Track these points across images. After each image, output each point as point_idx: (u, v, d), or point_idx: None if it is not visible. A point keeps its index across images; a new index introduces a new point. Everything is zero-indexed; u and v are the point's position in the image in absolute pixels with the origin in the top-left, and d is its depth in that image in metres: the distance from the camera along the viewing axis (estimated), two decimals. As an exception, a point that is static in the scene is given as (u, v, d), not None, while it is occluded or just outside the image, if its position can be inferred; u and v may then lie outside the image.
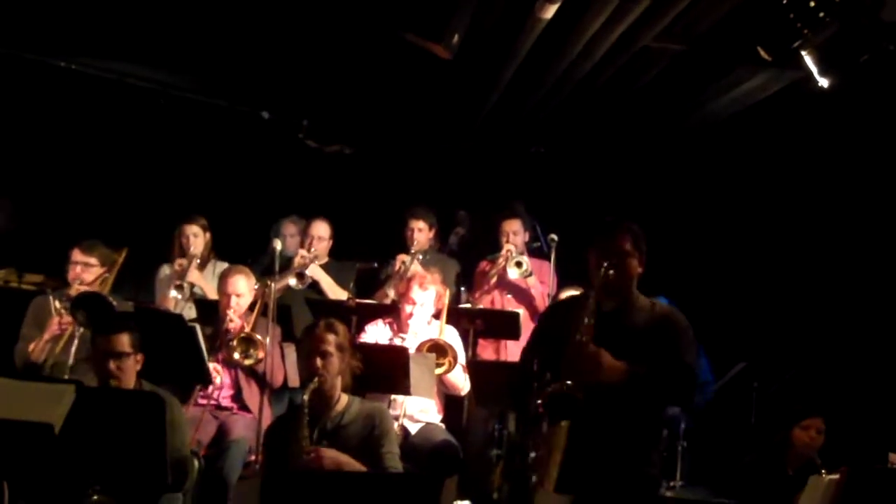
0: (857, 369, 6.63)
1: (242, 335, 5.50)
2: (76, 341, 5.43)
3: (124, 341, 4.38)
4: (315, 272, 6.62)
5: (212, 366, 5.40)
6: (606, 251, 3.92)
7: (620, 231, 3.96)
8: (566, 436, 3.75)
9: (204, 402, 5.42)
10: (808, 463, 4.78)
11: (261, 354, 5.46)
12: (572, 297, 4.50)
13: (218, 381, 5.46)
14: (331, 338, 4.22)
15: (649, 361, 3.78)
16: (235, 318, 5.60)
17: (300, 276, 6.51)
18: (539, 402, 3.71)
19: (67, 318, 5.44)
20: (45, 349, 5.51)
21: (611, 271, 3.87)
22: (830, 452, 4.86)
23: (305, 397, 4.12)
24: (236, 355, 5.47)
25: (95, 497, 3.71)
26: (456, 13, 5.32)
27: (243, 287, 5.67)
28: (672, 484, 6.44)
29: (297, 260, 6.58)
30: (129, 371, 4.40)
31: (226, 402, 5.55)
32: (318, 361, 4.15)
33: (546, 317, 4.41)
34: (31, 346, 5.52)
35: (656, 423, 4.07)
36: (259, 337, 5.49)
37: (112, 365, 4.34)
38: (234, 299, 5.64)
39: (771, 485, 4.91)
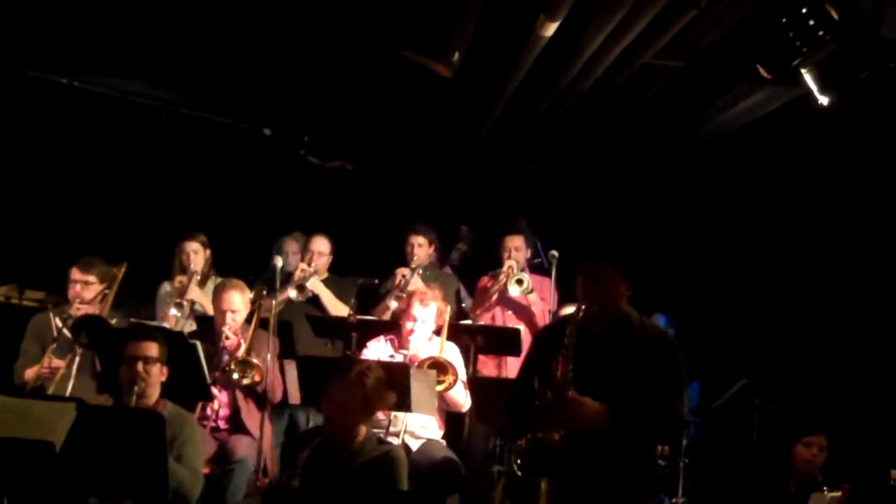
0: (858, 386, 6.61)
1: (239, 359, 5.44)
2: (75, 366, 5.44)
3: (153, 348, 4.52)
4: (316, 287, 6.62)
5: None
6: (590, 278, 3.89)
7: (600, 257, 3.93)
8: (547, 494, 3.60)
9: (204, 423, 5.39)
10: (810, 480, 4.76)
11: (257, 377, 5.40)
12: (562, 321, 4.38)
13: (216, 403, 5.43)
14: None
15: (634, 397, 3.71)
16: (231, 334, 5.57)
17: (300, 288, 6.51)
18: (516, 457, 3.60)
19: (57, 362, 5.45)
20: (40, 379, 5.51)
21: (594, 306, 3.84)
22: (832, 470, 4.84)
23: None
24: (234, 376, 5.44)
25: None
26: (457, 31, 5.34)
27: (238, 303, 5.63)
28: (674, 501, 6.42)
29: (298, 273, 6.58)
30: (154, 378, 4.50)
31: (223, 425, 5.50)
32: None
33: (537, 341, 4.35)
34: (27, 374, 5.53)
35: (646, 463, 3.98)
36: (255, 360, 5.44)
37: (140, 367, 4.44)
38: (228, 315, 5.59)
39: (773, 502, 4.89)
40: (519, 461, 3.58)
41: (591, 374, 3.72)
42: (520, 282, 6.60)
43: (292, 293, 6.47)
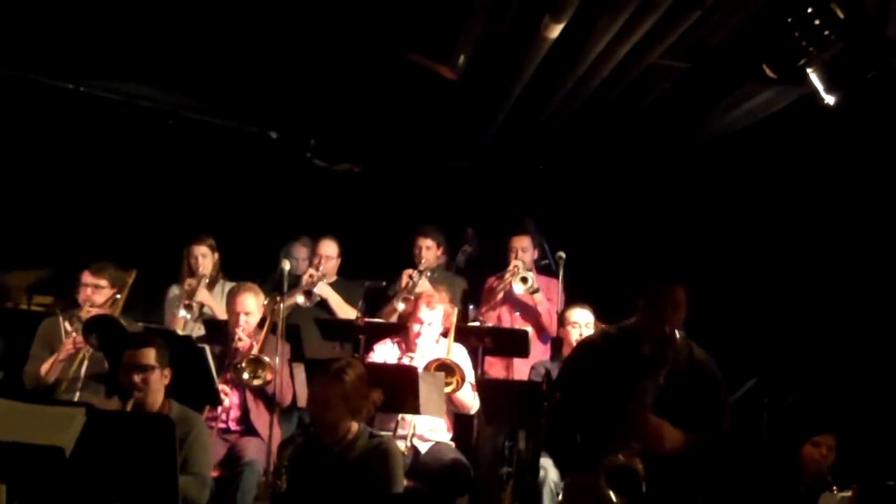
0: (868, 385, 6.59)
1: (251, 356, 5.50)
2: (86, 361, 5.47)
3: (150, 355, 4.46)
4: (324, 290, 6.63)
5: (220, 386, 5.39)
6: (657, 300, 4.00)
7: (676, 284, 4.08)
8: None
9: (213, 424, 5.41)
10: (819, 480, 4.77)
11: (269, 376, 5.44)
12: (610, 335, 4.34)
13: (227, 402, 5.45)
14: None
15: (699, 422, 3.83)
16: (244, 336, 5.60)
17: (308, 294, 6.52)
18: (602, 475, 3.73)
19: (81, 338, 5.46)
20: (58, 369, 5.53)
21: (652, 322, 3.88)
22: (842, 469, 4.84)
23: None
24: (245, 376, 5.46)
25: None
26: (462, 34, 5.35)
27: (252, 305, 5.67)
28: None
29: (305, 279, 6.59)
30: (155, 385, 4.46)
31: (233, 426, 5.54)
32: None
33: (583, 353, 4.39)
34: (44, 367, 5.55)
35: (700, 488, 4.10)
36: (267, 359, 5.47)
37: (137, 377, 4.41)
38: (242, 318, 5.63)
39: (783, 502, 4.89)
40: (606, 482, 3.73)
41: (639, 391, 3.79)
42: (524, 280, 6.61)
43: (300, 299, 6.48)
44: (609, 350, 4.01)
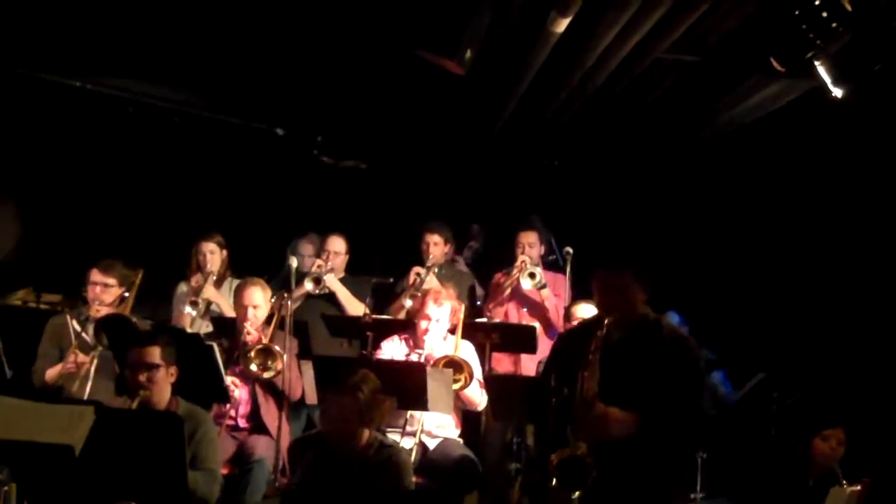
0: (877, 379, 6.58)
1: (260, 346, 5.49)
2: (96, 360, 5.47)
3: (155, 353, 4.46)
4: (333, 284, 6.64)
5: (229, 379, 5.39)
6: (609, 289, 3.92)
7: (621, 265, 3.95)
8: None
9: (222, 420, 5.42)
10: (828, 474, 4.75)
11: (279, 366, 5.43)
12: (584, 326, 4.38)
13: (237, 393, 5.45)
14: None
15: (658, 402, 3.75)
16: (252, 330, 5.60)
17: (317, 280, 6.52)
18: (551, 466, 3.68)
19: (83, 358, 5.47)
20: (62, 378, 5.54)
21: (610, 315, 3.86)
22: (851, 463, 4.83)
23: None
24: (254, 367, 5.45)
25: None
26: (468, 29, 5.33)
27: (259, 299, 5.67)
28: (692, 496, 6.41)
29: (314, 268, 6.60)
30: (161, 383, 4.46)
31: (242, 423, 5.54)
32: None
33: (562, 340, 4.41)
34: (49, 375, 5.55)
35: (673, 470, 4.01)
36: (277, 348, 5.47)
37: (142, 376, 4.41)
38: (250, 311, 5.63)
39: (791, 496, 4.88)
40: (555, 476, 3.67)
41: (613, 381, 3.77)
42: (532, 275, 6.60)
43: (309, 286, 6.49)
44: (584, 333, 3.98)
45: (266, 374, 5.47)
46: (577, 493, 3.66)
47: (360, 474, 4.18)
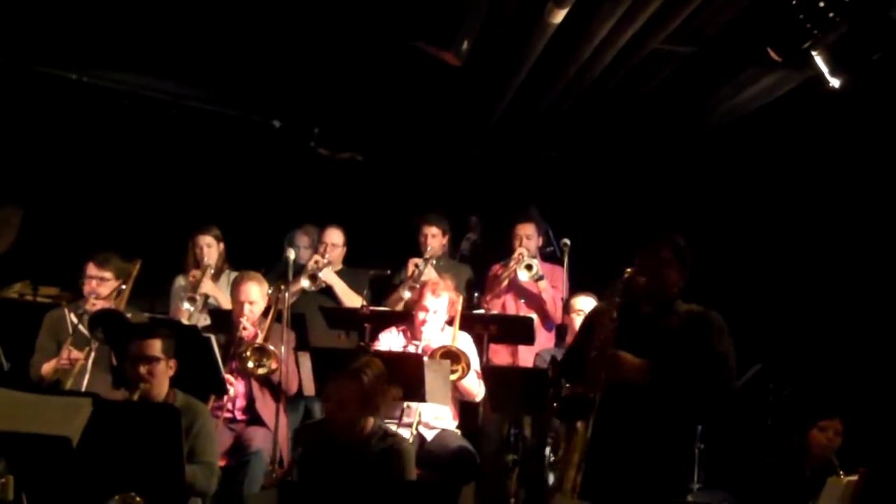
0: (874, 369, 6.58)
1: (255, 345, 5.50)
2: (90, 361, 5.46)
3: (156, 346, 4.47)
4: (329, 277, 6.63)
5: (226, 376, 5.39)
6: (645, 257, 4.01)
7: (663, 240, 4.06)
8: (584, 438, 3.77)
9: (219, 413, 5.42)
10: (825, 464, 4.75)
11: (273, 365, 5.45)
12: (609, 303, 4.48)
13: (232, 391, 5.46)
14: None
15: (680, 356, 3.81)
16: (249, 325, 5.60)
17: (313, 277, 6.52)
18: (554, 405, 3.76)
19: (76, 354, 5.46)
20: (58, 373, 5.53)
21: (641, 278, 3.89)
22: (848, 454, 4.83)
23: None
24: (249, 365, 5.47)
25: (117, 497, 3.71)
26: (465, 20, 5.32)
27: (256, 294, 5.67)
28: (690, 486, 6.41)
29: (311, 263, 6.60)
30: (161, 376, 4.47)
31: (239, 415, 5.54)
32: None
33: (586, 321, 4.45)
34: (45, 368, 5.54)
35: (686, 429, 4.06)
36: (272, 347, 5.47)
37: (143, 369, 4.41)
38: (246, 307, 5.63)
39: (789, 487, 4.89)
40: (557, 408, 3.86)
41: (637, 348, 3.84)
42: (529, 267, 6.61)
43: (305, 283, 6.49)
44: (611, 311, 4.04)
45: (261, 371, 5.47)
46: (580, 425, 3.78)
47: (362, 462, 4.18)
